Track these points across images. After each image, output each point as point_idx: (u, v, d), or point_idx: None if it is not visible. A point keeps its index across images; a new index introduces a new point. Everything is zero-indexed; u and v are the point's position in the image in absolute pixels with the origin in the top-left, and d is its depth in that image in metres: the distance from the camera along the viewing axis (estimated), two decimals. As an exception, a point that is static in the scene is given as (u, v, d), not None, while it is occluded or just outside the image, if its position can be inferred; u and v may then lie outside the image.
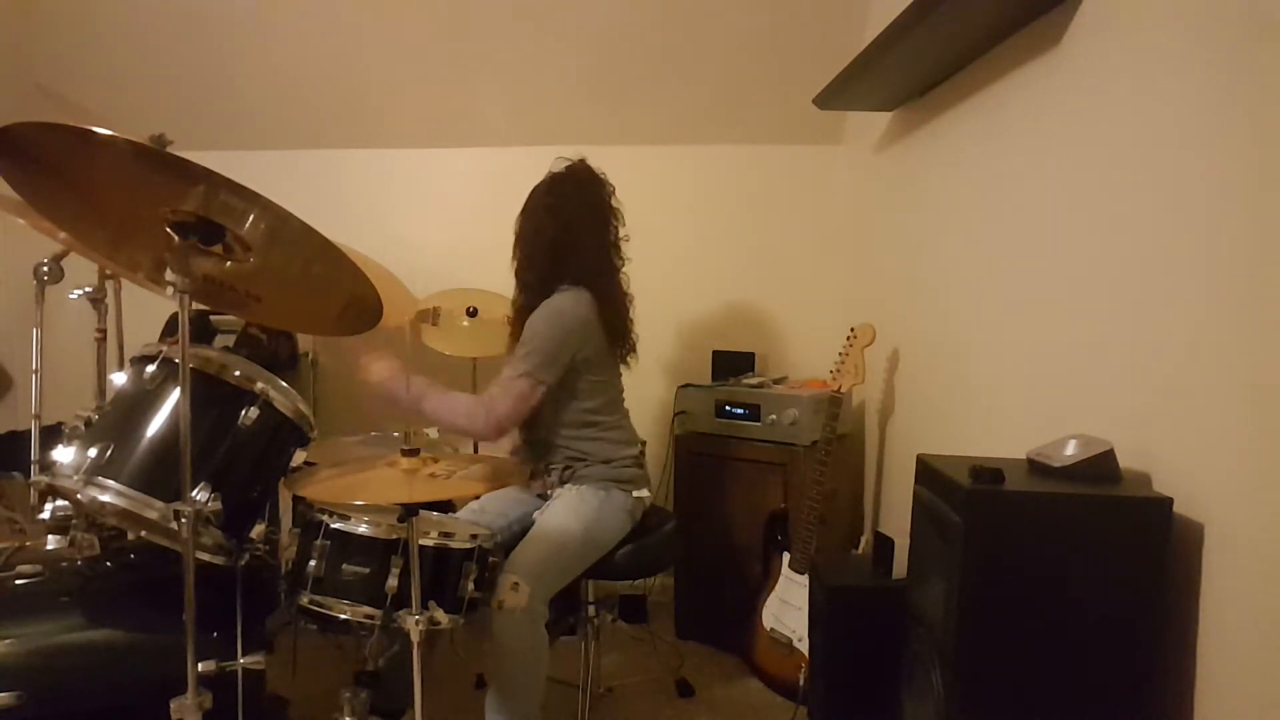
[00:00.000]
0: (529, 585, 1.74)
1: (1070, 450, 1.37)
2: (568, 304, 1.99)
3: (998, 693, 1.31)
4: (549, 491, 2.09)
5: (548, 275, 2.04)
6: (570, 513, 1.96)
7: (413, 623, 1.47)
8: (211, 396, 1.50)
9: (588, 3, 2.79)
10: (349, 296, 1.46)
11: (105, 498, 1.41)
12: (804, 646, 2.24)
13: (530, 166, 2.15)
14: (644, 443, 2.23)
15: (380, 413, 1.97)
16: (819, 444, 2.39)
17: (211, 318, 2.74)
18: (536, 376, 1.93)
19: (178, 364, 1.32)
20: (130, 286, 2.01)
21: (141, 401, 1.48)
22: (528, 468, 2.11)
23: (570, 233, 2.03)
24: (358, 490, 1.56)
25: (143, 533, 1.55)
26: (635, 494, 2.07)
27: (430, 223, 3.27)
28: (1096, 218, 1.54)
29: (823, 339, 3.06)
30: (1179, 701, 1.27)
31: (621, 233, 2.12)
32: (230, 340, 2.74)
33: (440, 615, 1.53)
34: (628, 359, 2.16)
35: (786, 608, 2.38)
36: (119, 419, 1.50)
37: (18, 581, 1.55)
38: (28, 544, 1.65)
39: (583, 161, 2.11)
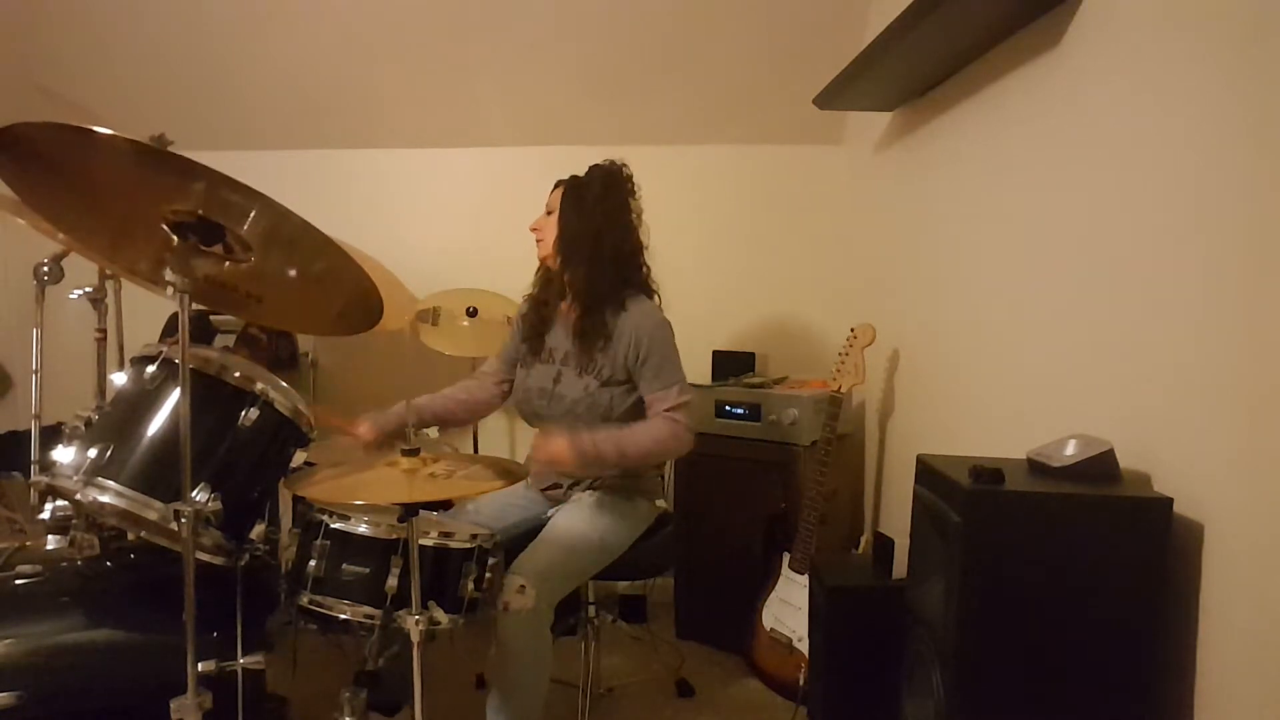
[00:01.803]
0: (535, 588, 1.72)
1: (1070, 450, 1.37)
2: (659, 312, 1.98)
3: (998, 693, 1.31)
4: (566, 496, 2.05)
5: (617, 283, 1.97)
6: (587, 519, 1.92)
7: (413, 623, 1.47)
8: (211, 397, 1.50)
9: (588, 3, 2.79)
10: (349, 296, 1.46)
11: (105, 498, 1.41)
12: (804, 646, 2.24)
13: (530, 166, 2.15)
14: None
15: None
16: (819, 444, 2.39)
17: (211, 318, 2.74)
18: (686, 383, 1.95)
19: (178, 364, 1.32)
20: (130, 286, 2.02)
21: (141, 402, 1.48)
22: (540, 476, 2.09)
23: (629, 240, 1.99)
24: (358, 490, 1.56)
25: (142, 533, 1.55)
26: (658, 503, 2.09)
27: (430, 223, 3.27)
28: (1096, 217, 1.54)
29: (823, 339, 3.06)
30: (1179, 701, 1.27)
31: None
32: (230, 340, 2.74)
33: (440, 615, 1.52)
34: None
35: (786, 608, 2.38)
36: (119, 419, 1.50)
37: (18, 581, 1.55)
38: (28, 544, 1.65)
39: (623, 164, 2.05)
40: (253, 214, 1.26)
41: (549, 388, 2.00)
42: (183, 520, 1.30)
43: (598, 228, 1.95)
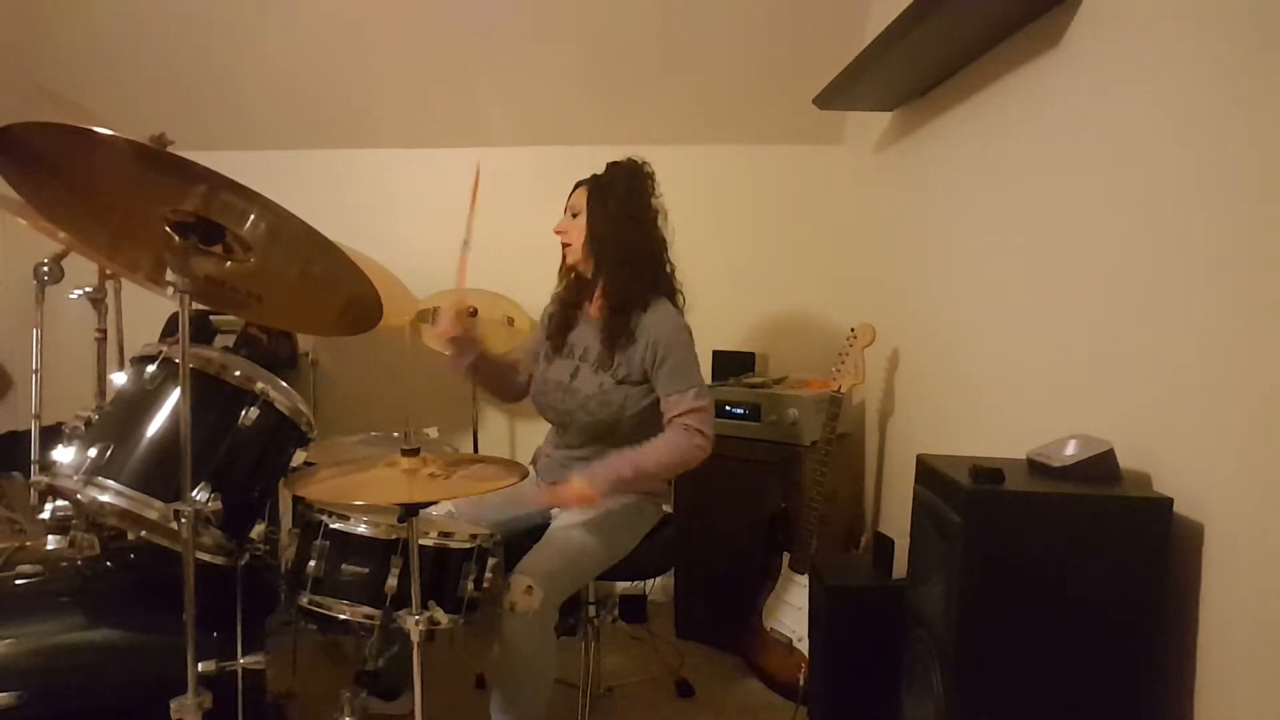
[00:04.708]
0: (543, 590, 1.70)
1: (1070, 450, 1.37)
2: (679, 316, 1.99)
3: (998, 693, 1.31)
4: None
5: (647, 284, 1.97)
6: (593, 520, 1.91)
7: (413, 623, 1.47)
8: (211, 396, 1.50)
9: (588, 3, 2.79)
10: (349, 296, 1.46)
11: (105, 498, 1.41)
12: (804, 646, 2.24)
13: (530, 166, 2.15)
14: None
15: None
16: (819, 444, 2.39)
17: (211, 318, 2.74)
18: (704, 386, 1.94)
19: (178, 364, 1.32)
20: (130, 286, 2.02)
21: (141, 401, 1.48)
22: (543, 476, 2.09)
23: (653, 239, 2.00)
24: (358, 490, 1.56)
25: (143, 533, 1.55)
26: (665, 507, 2.08)
27: (430, 223, 3.25)
28: (1096, 217, 1.54)
29: (823, 339, 3.06)
30: (1179, 701, 1.27)
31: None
32: (230, 340, 2.74)
33: (440, 615, 1.52)
34: None
35: (786, 608, 2.38)
36: (119, 419, 1.50)
37: (18, 581, 1.55)
38: (28, 544, 1.65)
39: (643, 162, 2.06)
40: (252, 216, 1.26)
41: (565, 381, 2.02)
42: (183, 520, 1.30)
43: (623, 228, 1.96)
